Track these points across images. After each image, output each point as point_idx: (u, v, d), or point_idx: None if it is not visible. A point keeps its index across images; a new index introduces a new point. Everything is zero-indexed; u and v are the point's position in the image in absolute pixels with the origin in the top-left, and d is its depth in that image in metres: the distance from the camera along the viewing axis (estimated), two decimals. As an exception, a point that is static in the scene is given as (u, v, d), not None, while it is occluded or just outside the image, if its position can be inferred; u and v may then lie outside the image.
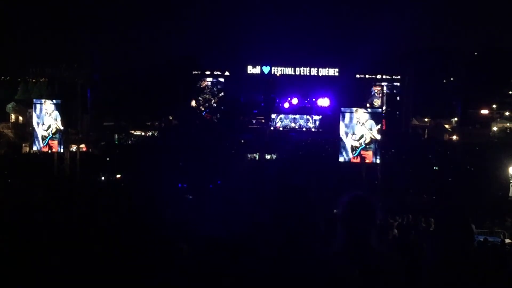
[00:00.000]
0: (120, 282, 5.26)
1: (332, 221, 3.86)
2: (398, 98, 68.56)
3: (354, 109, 31.70)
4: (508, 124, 67.08)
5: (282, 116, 70.15)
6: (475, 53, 77.09)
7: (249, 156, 51.15)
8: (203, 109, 67.46)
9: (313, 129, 69.44)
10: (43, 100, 36.52)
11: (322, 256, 3.65)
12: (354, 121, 30.84)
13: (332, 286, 3.53)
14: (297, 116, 70.38)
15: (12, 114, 64.72)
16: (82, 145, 46.26)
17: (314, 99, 71.87)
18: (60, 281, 5.14)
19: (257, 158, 51.45)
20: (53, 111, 34.78)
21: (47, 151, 35.24)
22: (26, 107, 54.97)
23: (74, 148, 39.46)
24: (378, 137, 30.92)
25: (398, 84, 71.80)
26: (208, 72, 71.52)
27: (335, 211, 3.94)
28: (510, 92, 73.37)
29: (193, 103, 68.03)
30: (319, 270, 3.55)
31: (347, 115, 31.16)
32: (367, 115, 31.28)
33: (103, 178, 39.17)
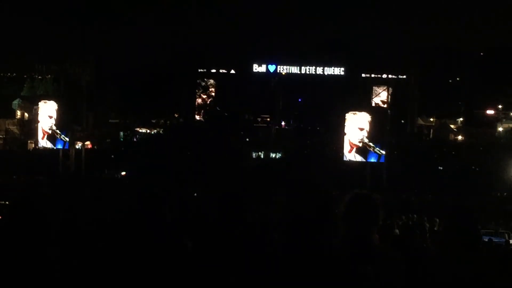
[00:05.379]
0: (123, 279, 5.26)
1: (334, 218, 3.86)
2: (403, 97, 68.42)
3: (359, 109, 31.69)
4: (513, 125, 66.83)
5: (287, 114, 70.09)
6: (481, 53, 76.85)
7: (254, 154, 51.23)
8: (208, 107, 67.57)
9: (317, 128, 69.39)
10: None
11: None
12: (359, 121, 30.81)
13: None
14: (302, 115, 70.28)
15: (18, 111, 64.89)
16: (87, 142, 46.36)
17: (319, 98, 71.80)
18: (62, 277, 5.15)
19: (262, 156, 51.55)
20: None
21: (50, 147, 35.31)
22: (32, 104, 55.11)
23: (79, 145, 39.55)
24: (383, 136, 30.90)
25: (404, 83, 71.66)
26: (213, 70, 71.52)
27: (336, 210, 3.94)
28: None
29: (199, 100, 68.17)
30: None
31: (353, 116, 31.13)
32: (372, 114, 31.24)
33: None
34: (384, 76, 71.79)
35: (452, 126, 69.85)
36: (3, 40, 73.16)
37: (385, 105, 63.37)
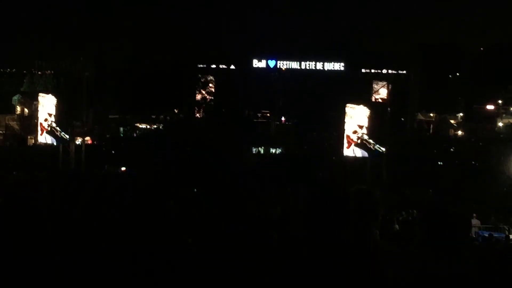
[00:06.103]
0: (124, 277, 5.26)
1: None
2: (403, 93, 68.42)
3: (358, 104, 31.62)
4: (513, 120, 66.83)
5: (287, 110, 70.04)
6: (481, 48, 76.79)
7: (254, 150, 51.18)
8: (207, 102, 67.57)
9: (317, 123, 69.25)
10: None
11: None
12: (358, 115, 30.77)
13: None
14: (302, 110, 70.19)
15: (17, 106, 64.83)
16: (87, 138, 46.35)
17: (319, 93, 71.68)
18: (64, 274, 5.14)
19: (262, 152, 51.51)
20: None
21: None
22: (32, 100, 55.03)
23: (79, 140, 39.51)
24: (382, 132, 30.88)
25: (404, 79, 71.66)
26: (213, 66, 71.48)
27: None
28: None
29: (198, 96, 68.15)
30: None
31: (351, 110, 31.09)
32: (371, 109, 31.20)
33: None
34: (384, 71, 71.81)
35: (452, 121, 69.85)
36: (3, 36, 73.10)
37: (385, 100, 63.40)
